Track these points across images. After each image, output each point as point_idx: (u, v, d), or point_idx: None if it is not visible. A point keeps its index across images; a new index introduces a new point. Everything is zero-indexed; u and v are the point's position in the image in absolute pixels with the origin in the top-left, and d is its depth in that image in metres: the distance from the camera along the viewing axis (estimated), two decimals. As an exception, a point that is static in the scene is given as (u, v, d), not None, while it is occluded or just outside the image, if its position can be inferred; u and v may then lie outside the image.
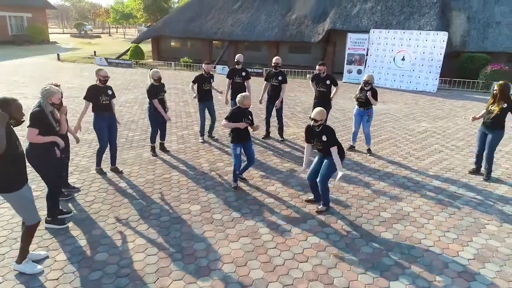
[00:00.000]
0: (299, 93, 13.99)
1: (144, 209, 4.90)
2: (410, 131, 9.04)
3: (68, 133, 4.96)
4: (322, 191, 4.88)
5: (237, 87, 7.72)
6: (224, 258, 3.92)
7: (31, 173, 4.91)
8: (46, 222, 4.40)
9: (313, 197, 5.21)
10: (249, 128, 5.45)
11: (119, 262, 3.81)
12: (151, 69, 6.73)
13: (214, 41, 22.13)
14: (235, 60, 7.76)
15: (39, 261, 3.76)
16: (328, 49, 19.67)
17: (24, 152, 3.62)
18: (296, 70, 18.72)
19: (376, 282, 3.61)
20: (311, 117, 4.61)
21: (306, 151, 4.98)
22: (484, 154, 6.15)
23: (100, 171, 5.98)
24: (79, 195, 5.26)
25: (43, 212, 4.59)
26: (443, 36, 14.88)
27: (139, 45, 22.68)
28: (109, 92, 5.76)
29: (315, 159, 5.00)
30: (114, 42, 42.14)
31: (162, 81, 6.73)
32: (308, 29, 19.37)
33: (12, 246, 4.01)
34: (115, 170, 6.10)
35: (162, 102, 6.72)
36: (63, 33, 56.39)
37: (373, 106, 7.05)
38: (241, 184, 5.74)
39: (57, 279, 3.54)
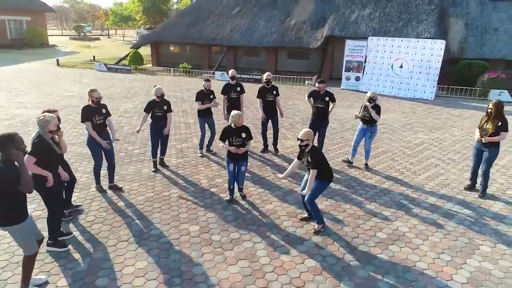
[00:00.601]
0: (297, 101, 14.06)
1: (144, 230, 4.98)
2: (407, 143, 9.13)
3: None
4: (312, 210, 4.98)
5: (232, 102, 7.85)
6: (222, 283, 4.00)
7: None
8: (48, 245, 4.47)
9: (307, 214, 5.31)
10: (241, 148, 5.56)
11: (119, 288, 3.89)
12: (155, 86, 6.80)
13: (213, 46, 22.18)
14: (230, 76, 7.86)
15: (40, 285, 3.84)
16: (327, 55, 19.75)
17: None
18: (295, 76, 18.78)
19: (371, 308, 3.70)
20: (298, 137, 4.77)
21: (293, 164, 5.16)
22: (481, 170, 6.24)
23: (100, 189, 6.05)
24: (80, 214, 5.33)
25: (44, 233, 4.68)
26: (440, 44, 14.99)
27: (139, 49, 22.78)
28: (103, 111, 5.83)
29: (306, 176, 5.10)
30: (113, 45, 42.18)
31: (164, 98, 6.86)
32: (306, 35, 19.46)
33: (14, 271, 4.08)
34: (114, 187, 6.16)
35: (161, 118, 6.80)
36: (62, 35, 56.45)
37: (377, 122, 7.06)
38: (240, 202, 5.83)
39: (59, 306, 3.63)
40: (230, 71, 7.94)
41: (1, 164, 3.21)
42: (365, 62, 16.68)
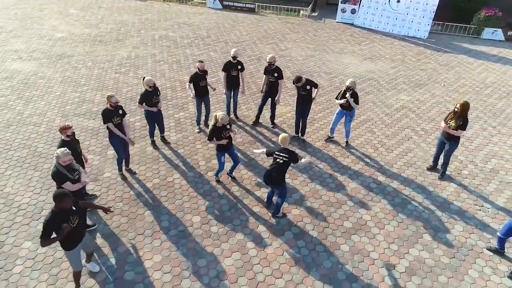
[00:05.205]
0: (290, 44, 14.07)
1: (155, 222, 6.12)
2: (388, 107, 9.85)
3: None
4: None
5: (233, 80, 8.33)
6: (221, 275, 5.29)
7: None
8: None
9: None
10: (231, 134, 6.52)
11: (143, 281, 5.17)
12: (143, 78, 7.19)
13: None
14: (232, 55, 8.13)
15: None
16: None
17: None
18: (288, 6, 18.05)
19: (329, 297, 5.07)
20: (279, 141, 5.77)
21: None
22: (442, 158, 7.21)
23: (122, 176, 7.01)
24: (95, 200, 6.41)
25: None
26: (441, -21, 14.36)
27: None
28: (120, 112, 6.46)
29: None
30: None
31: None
32: (303, -45, 18.10)
33: (61, 266, 5.31)
34: (129, 171, 7.17)
35: (158, 102, 7.40)
36: None
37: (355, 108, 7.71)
38: (233, 188, 6.89)
39: (101, 298, 4.95)
40: (233, 51, 8.16)
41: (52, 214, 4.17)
42: (362, -6, 16.07)
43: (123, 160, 6.99)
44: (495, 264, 5.55)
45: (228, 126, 6.40)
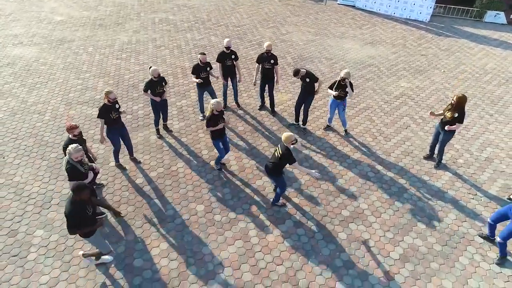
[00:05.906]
0: (291, 28, 13.98)
1: (161, 210, 6.37)
2: (388, 94, 9.96)
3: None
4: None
5: (228, 69, 8.41)
6: (224, 262, 5.58)
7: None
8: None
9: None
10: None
11: (151, 267, 5.47)
12: (150, 67, 7.29)
13: None
14: (225, 46, 8.17)
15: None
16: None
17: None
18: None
19: (327, 282, 5.37)
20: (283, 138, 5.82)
21: None
22: (437, 147, 7.40)
23: (120, 166, 7.22)
24: (108, 194, 6.65)
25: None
26: (445, -39, 14.12)
27: None
28: (117, 106, 6.59)
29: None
30: None
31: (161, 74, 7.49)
32: None
33: (73, 253, 5.60)
34: (133, 160, 7.38)
35: (163, 93, 7.54)
36: None
37: (347, 96, 7.85)
38: (235, 177, 7.11)
39: (112, 284, 5.25)
40: (226, 41, 8.19)
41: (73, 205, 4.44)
42: (364, -25, 15.83)
43: (119, 152, 7.11)
44: (484, 251, 5.85)
45: (223, 115, 6.63)
